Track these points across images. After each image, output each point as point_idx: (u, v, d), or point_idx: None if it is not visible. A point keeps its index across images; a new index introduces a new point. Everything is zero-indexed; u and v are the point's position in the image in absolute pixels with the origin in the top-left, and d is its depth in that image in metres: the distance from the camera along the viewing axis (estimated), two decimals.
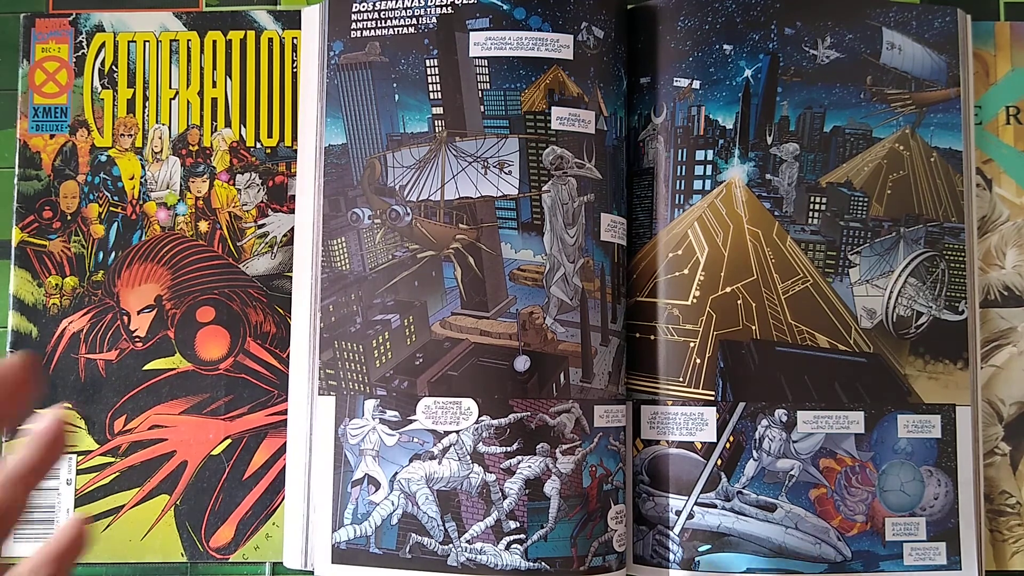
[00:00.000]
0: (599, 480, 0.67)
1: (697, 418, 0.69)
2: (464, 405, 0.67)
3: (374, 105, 0.71)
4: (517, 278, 0.68)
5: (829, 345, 0.71)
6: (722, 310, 0.70)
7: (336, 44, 0.72)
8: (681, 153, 0.71)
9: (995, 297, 0.75)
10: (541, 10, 0.69)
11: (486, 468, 0.67)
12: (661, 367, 0.70)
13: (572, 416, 0.67)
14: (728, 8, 0.72)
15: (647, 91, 0.73)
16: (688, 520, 0.69)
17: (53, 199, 0.74)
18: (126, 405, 0.73)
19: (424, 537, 0.67)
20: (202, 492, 0.72)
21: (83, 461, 0.72)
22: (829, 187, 0.72)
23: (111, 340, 0.73)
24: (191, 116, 0.75)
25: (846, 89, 0.73)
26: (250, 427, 0.73)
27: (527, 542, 0.66)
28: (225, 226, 0.75)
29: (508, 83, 0.69)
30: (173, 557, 0.72)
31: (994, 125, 0.76)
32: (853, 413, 0.70)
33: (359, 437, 0.69)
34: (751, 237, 0.71)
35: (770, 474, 0.69)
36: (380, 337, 0.69)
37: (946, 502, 0.71)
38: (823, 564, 0.69)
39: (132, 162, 0.75)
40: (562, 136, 0.69)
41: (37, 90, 0.75)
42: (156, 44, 0.76)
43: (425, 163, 0.70)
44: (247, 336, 0.74)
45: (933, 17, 0.74)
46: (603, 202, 0.69)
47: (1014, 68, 0.77)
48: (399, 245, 0.70)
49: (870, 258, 0.72)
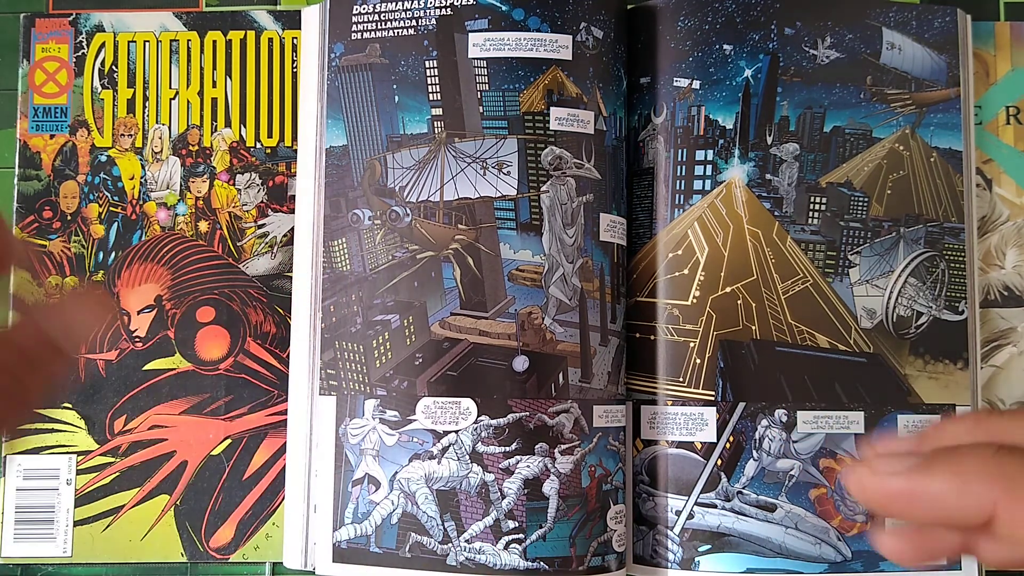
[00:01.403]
0: (598, 480, 0.67)
1: (697, 418, 0.69)
2: (463, 405, 0.67)
3: (374, 107, 0.71)
4: (516, 278, 0.68)
5: (829, 345, 0.71)
6: (722, 310, 0.70)
7: (337, 46, 0.72)
8: (681, 153, 0.71)
9: (995, 297, 0.75)
10: (540, 11, 0.69)
11: (485, 468, 0.67)
12: (661, 367, 0.70)
13: (571, 416, 0.67)
14: (728, 8, 0.72)
15: (647, 91, 0.73)
16: (688, 520, 0.69)
17: (53, 199, 0.75)
18: (126, 405, 0.73)
19: (424, 536, 0.67)
20: (202, 492, 0.72)
21: (83, 461, 0.72)
22: (829, 187, 0.72)
23: (111, 340, 0.73)
24: (191, 116, 0.76)
25: (846, 89, 0.73)
26: (250, 427, 0.73)
27: (526, 542, 0.66)
28: (225, 226, 0.75)
29: (507, 84, 0.69)
30: (173, 557, 0.72)
31: (994, 125, 0.76)
32: (853, 413, 0.70)
33: (359, 437, 0.69)
34: (751, 237, 0.71)
35: (770, 474, 0.69)
36: (380, 337, 0.69)
37: None
38: (823, 564, 0.69)
39: (132, 162, 0.75)
40: (561, 136, 0.69)
41: (37, 90, 0.76)
42: (156, 44, 0.76)
43: (424, 164, 0.70)
44: (247, 336, 0.74)
45: (933, 17, 0.74)
46: (602, 202, 0.69)
47: (1014, 68, 0.76)
48: (399, 246, 0.70)
49: (870, 258, 0.72)
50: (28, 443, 0.72)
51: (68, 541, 0.71)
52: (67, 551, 0.71)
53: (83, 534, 0.72)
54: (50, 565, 0.72)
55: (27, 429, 0.72)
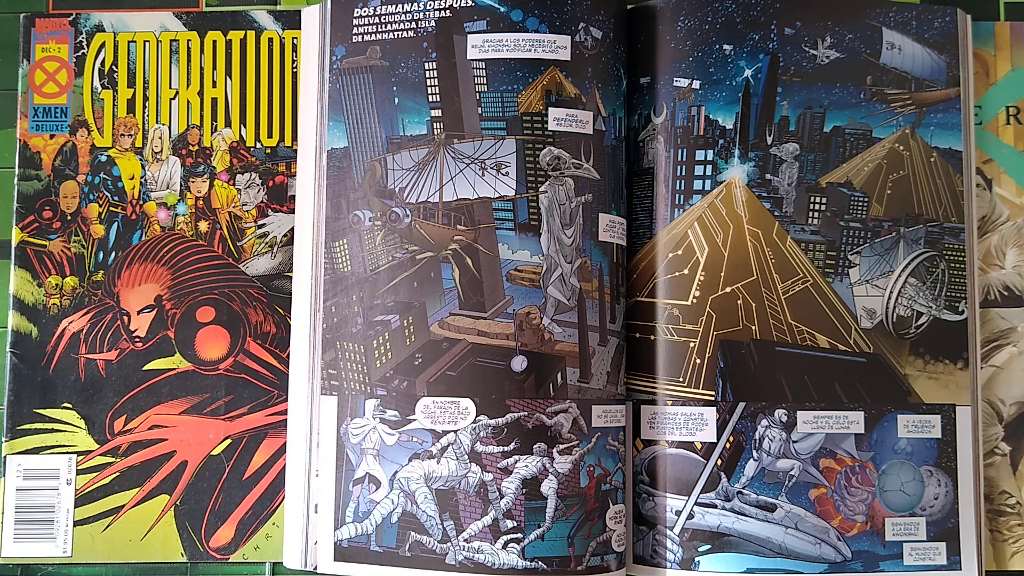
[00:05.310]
0: (597, 480, 0.67)
1: (697, 418, 0.69)
2: (462, 405, 0.67)
3: (374, 108, 0.71)
4: (514, 278, 0.68)
5: (829, 345, 0.71)
6: (722, 310, 0.70)
7: (338, 49, 0.72)
8: (681, 153, 0.71)
9: (995, 297, 0.75)
10: (538, 12, 0.69)
11: (484, 467, 0.67)
12: (661, 367, 0.70)
13: (569, 416, 0.67)
14: (728, 8, 0.72)
15: (647, 91, 0.73)
16: (688, 520, 0.69)
17: (53, 199, 0.75)
18: (126, 405, 0.73)
19: (423, 536, 0.67)
20: (202, 492, 0.72)
21: (83, 461, 0.72)
22: (829, 187, 0.72)
23: (111, 340, 0.73)
24: (191, 116, 0.76)
25: (846, 89, 0.73)
26: (250, 427, 0.73)
27: (524, 541, 0.66)
28: (225, 226, 0.75)
29: (505, 85, 0.69)
30: (173, 557, 0.72)
31: (994, 125, 0.76)
32: (853, 413, 0.70)
33: (360, 436, 0.69)
34: (751, 237, 0.71)
35: (770, 474, 0.69)
36: (380, 338, 0.69)
37: (946, 502, 0.71)
38: (823, 564, 0.69)
39: (132, 162, 0.75)
40: (559, 137, 0.69)
41: (37, 90, 0.76)
42: (156, 44, 0.76)
43: (424, 165, 0.70)
44: (247, 336, 0.74)
45: (933, 17, 0.74)
46: (602, 202, 0.69)
47: (1014, 68, 0.76)
48: (399, 246, 0.70)
49: (870, 258, 0.72)
50: (28, 443, 0.72)
51: (68, 541, 0.72)
52: (67, 551, 0.72)
53: (83, 534, 0.72)
54: (50, 565, 0.72)
55: (27, 429, 0.72)
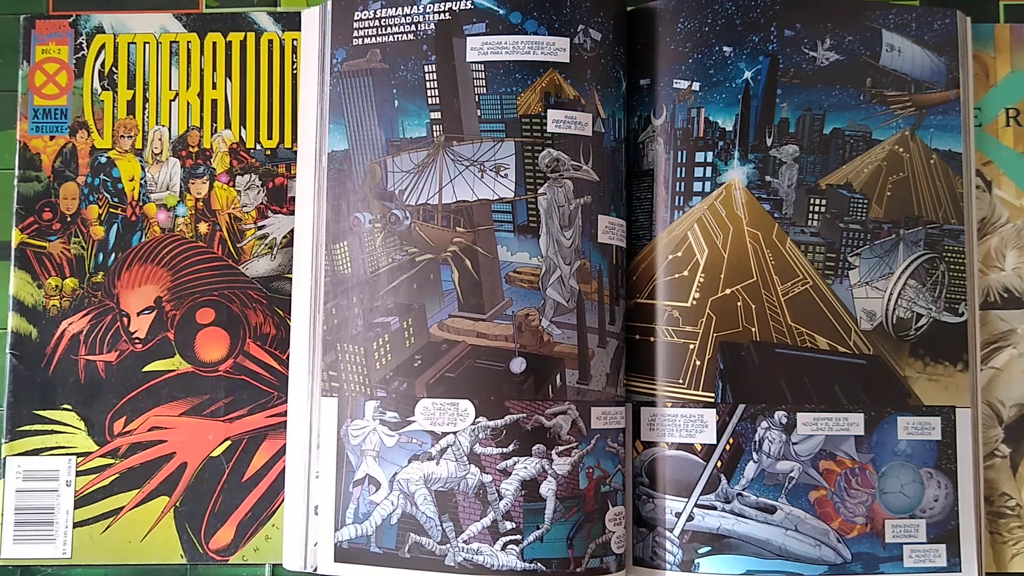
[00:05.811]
0: (596, 482, 0.67)
1: (697, 420, 0.69)
2: (461, 406, 0.67)
3: (374, 111, 0.71)
4: (513, 280, 0.68)
5: (829, 347, 0.71)
6: (722, 312, 0.70)
7: (339, 52, 0.72)
8: (681, 155, 0.71)
9: (995, 299, 0.75)
10: (537, 14, 0.69)
11: (483, 469, 0.67)
12: (661, 369, 0.70)
13: (568, 418, 0.67)
14: (728, 10, 0.72)
15: (647, 93, 0.73)
16: (688, 522, 0.68)
17: (53, 200, 0.75)
18: (126, 407, 0.73)
19: (422, 537, 0.67)
20: (202, 494, 0.72)
21: (83, 463, 0.72)
22: (829, 189, 0.72)
23: (111, 341, 0.73)
24: (191, 118, 0.76)
25: (846, 91, 0.73)
26: (250, 429, 0.73)
27: (523, 543, 0.66)
28: (225, 227, 0.75)
29: (504, 87, 0.69)
30: (173, 559, 0.72)
31: (994, 127, 0.76)
32: (853, 415, 0.70)
33: (360, 438, 0.69)
34: (751, 239, 0.71)
35: (770, 476, 0.69)
36: (380, 339, 0.69)
37: (946, 504, 0.71)
38: (823, 566, 0.69)
39: (132, 163, 0.75)
40: (559, 139, 0.69)
41: (37, 91, 0.76)
42: (156, 46, 0.76)
43: (423, 167, 0.70)
44: (247, 337, 0.74)
45: (933, 19, 0.74)
46: (601, 204, 0.69)
47: (1014, 70, 0.76)
48: (399, 249, 0.70)
49: (870, 260, 0.72)
50: (28, 444, 0.72)
51: (68, 542, 0.72)
52: (67, 552, 0.72)
53: (83, 535, 0.72)
54: (50, 566, 0.72)
55: (26, 431, 0.72)
